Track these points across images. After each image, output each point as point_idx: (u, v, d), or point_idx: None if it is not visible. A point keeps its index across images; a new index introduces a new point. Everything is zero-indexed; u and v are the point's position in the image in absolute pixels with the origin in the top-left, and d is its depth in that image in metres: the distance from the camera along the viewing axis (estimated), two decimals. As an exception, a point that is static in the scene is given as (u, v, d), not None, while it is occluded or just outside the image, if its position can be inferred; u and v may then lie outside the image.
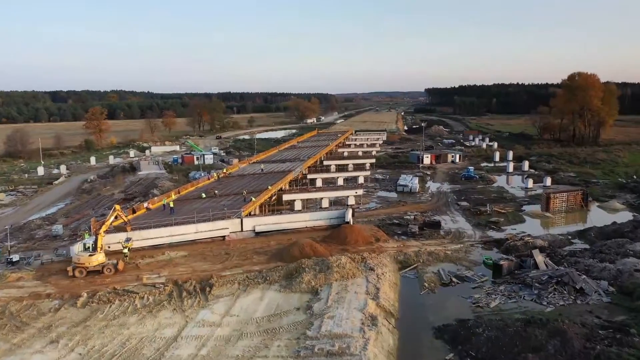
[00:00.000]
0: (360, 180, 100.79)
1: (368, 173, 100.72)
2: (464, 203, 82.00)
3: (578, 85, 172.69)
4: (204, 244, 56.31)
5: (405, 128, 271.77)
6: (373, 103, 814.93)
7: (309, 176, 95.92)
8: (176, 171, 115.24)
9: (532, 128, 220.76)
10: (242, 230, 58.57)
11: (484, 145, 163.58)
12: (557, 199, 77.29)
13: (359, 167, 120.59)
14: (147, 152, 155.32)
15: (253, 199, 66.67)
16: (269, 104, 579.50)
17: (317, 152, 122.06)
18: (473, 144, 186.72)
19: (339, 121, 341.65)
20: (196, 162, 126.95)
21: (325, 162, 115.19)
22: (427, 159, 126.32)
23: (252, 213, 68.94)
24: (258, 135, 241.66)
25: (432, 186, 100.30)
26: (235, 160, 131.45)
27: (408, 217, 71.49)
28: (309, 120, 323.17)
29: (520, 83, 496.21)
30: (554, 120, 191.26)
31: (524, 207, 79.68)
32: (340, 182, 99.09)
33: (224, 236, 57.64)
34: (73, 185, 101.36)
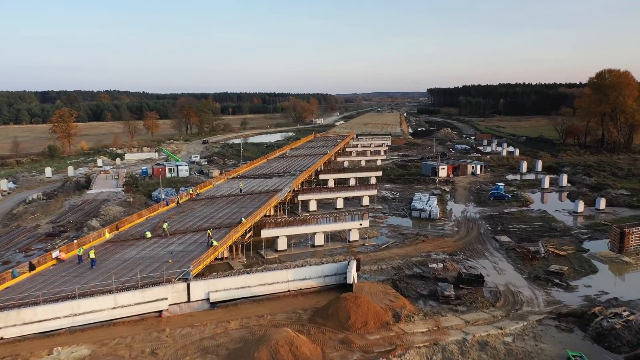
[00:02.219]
0: (365, 200, 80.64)
1: (374, 192, 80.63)
2: (504, 238, 61.78)
3: (609, 84, 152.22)
4: (127, 325, 36.19)
5: (410, 131, 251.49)
6: (373, 103, 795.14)
7: (300, 197, 75.79)
8: (142, 187, 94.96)
9: (552, 131, 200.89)
10: (189, 301, 38.40)
11: (504, 152, 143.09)
12: (633, 234, 57.12)
13: (363, 182, 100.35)
14: (117, 160, 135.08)
15: (215, 242, 46.45)
16: (267, 105, 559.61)
17: (313, 163, 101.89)
18: (489, 149, 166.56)
19: (339, 123, 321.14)
20: (168, 175, 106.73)
21: (321, 176, 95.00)
22: (443, 171, 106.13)
23: (220, 257, 49.16)
24: (251, 139, 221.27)
25: (455, 208, 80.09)
26: (216, 172, 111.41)
27: (434, 264, 51.25)
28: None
29: (527, 83, 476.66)
30: (579, 123, 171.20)
31: (586, 245, 59.50)
32: (339, 203, 78.96)
33: (161, 311, 37.46)
34: (7, 207, 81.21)
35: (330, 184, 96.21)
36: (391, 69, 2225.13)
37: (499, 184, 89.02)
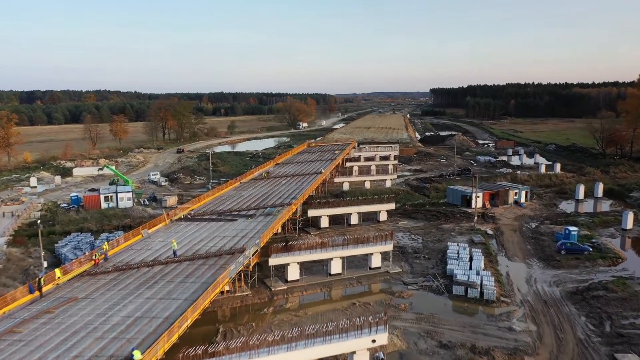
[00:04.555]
0: (375, 261, 52.53)
1: (389, 247, 52.68)
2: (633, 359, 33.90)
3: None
4: None
5: (418, 136, 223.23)
6: (374, 104, 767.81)
7: (273, 260, 47.77)
8: (62, 225, 67.36)
9: (580, 137, 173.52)
10: None
11: (543, 168, 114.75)
12: None
13: (369, 218, 72.54)
14: (57, 178, 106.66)
15: None
16: (263, 106, 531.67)
17: (300, 191, 73.79)
18: (515, 160, 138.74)
19: (338, 126, 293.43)
20: (104, 205, 78.70)
21: (311, 213, 66.91)
22: (477, 200, 77.99)
23: None
24: (238, 146, 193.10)
25: (513, 272, 52.22)
26: (172, 199, 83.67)
27: None
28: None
29: (538, 83, 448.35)
30: (624, 130, 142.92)
31: None
32: (335, 266, 50.90)
33: None
34: None
35: (324, 222, 68.41)
36: (391, 69, 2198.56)
37: (570, 228, 60.63)
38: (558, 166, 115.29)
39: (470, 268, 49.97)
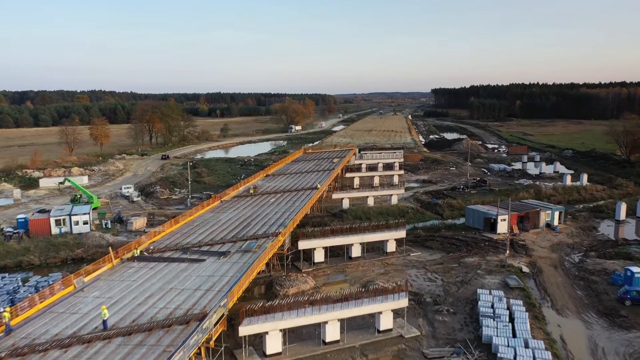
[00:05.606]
0: (385, 321, 39.33)
1: (404, 302, 39.66)
2: None
3: None
4: None
5: (422, 140, 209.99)
6: (373, 104, 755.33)
7: (245, 328, 34.74)
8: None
9: (603, 141, 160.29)
10: None
11: (568, 179, 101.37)
12: None
13: (374, 248, 59.54)
14: (16, 192, 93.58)
15: None
16: (260, 106, 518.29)
17: (291, 215, 60.66)
18: (532, 168, 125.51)
19: (337, 128, 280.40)
20: (55, 231, 65.52)
21: (302, 244, 53.75)
22: (503, 224, 64.98)
23: None
24: (232, 151, 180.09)
25: (568, 334, 39.19)
26: (139, 222, 70.51)
27: None
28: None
29: (542, 83, 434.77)
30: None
31: None
32: (331, 332, 37.71)
33: None
34: None
35: (318, 256, 55.35)
36: (391, 69, 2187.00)
37: (633, 269, 47.46)
38: (585, 177, 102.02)
39: (514, 334, 36.98)
